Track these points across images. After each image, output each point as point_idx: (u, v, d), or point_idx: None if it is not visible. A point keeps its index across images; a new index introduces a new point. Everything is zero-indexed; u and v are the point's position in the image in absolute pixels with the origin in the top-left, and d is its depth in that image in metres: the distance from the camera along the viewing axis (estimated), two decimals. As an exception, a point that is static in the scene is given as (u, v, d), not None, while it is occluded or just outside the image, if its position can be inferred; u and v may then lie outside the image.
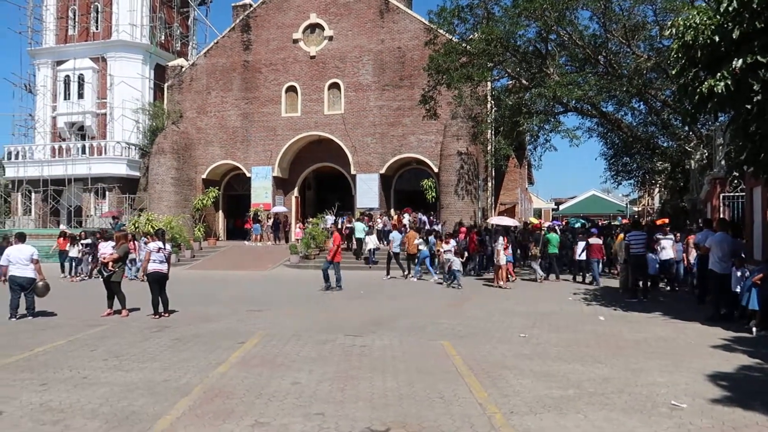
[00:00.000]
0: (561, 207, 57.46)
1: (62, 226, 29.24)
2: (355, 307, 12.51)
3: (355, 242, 24.18)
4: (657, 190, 42.28)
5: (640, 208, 56.32)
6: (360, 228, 24.22)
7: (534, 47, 21.20)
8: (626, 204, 52.21)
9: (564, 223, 31.16)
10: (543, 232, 19.54)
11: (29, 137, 36.24)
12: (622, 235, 16.49)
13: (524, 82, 21.34)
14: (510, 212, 33.06)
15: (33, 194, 34.42)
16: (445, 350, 7.96)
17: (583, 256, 17.25)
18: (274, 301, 13.56)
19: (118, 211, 30.73)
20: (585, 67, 20.23)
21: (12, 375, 6.71)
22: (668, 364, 7.14)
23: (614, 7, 18.51)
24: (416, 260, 18.93)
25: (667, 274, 15.66)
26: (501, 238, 16.44)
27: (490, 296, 14.49)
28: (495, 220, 22.35)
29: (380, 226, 25.62)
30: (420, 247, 18.70)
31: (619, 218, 30.80)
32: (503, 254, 16.26)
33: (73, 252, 20.24)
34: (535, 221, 28.07)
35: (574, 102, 19.70)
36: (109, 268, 11.15)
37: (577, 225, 26.03)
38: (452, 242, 18.10)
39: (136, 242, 19.40)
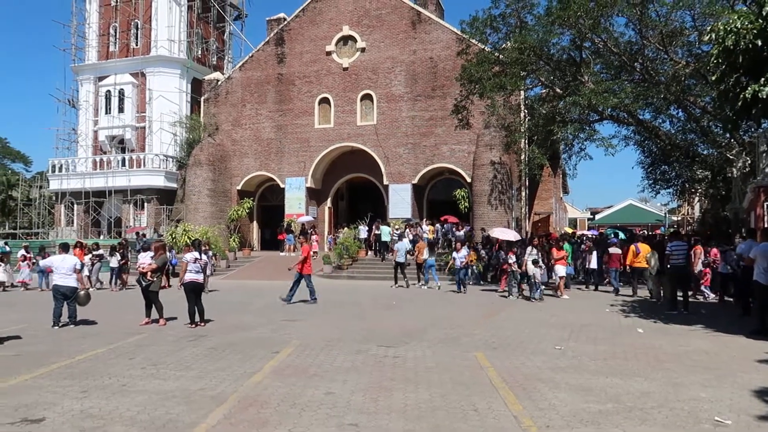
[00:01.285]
0: (597, 216, 56.45)
1: (75, 237, 29.11)
2: (387, 318, 12.49)
3: (379, 246, 24.46)
4: (697, 199, 41.18)
5: (679, 218, 54.94)
6: (386, 231, 24.44)
7: (568, 55, 20.96)
8: (665, 213, 50.99)
9: (600, 232, 30.60)
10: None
11: (72, 151, 37.46)
12: (633, 247, 16.95)
13: (558, 90, 21.10)
14: (544, 222, 32.66)
15: (75, 206, 35.50)
16: (479, 362, 7.87)
17: (594, 265, 18.09)
18: (307, 311, 13.64)
19: (142, 228, 31.25)
20: (621, 75, 19.89)
21: (54, 382, 6.89)
22: (711, 378, 6.91)
23: (651, 14, 18.17)
24: (423, 269, 19.95)
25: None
26: (531, 248, 16.22)
27: (524, 307, 14.28)
28: (496, 232, 22.18)
29: (410, 237, 25.55)
30: (425, 257, 19.53)
31: (610, 231, 29.92)
32: (530, 264, 15.89)
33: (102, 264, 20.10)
34: (570, 231, 27.64)
35: (609, 110, 19.36)
36: (148, 278, 11.38)
37: (619, 235, 25.52)
38: (463, 250, 18.39)
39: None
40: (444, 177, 29.75)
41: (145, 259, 11.86)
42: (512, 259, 16.39)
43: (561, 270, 16.33)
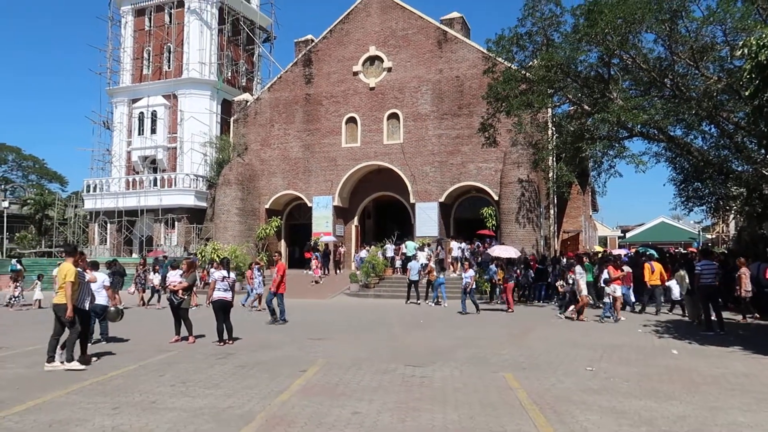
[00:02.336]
0: (628, 235, 55.48)
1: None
2: (414, 337, 12.40)
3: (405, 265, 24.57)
4: (732, 216, 40.15)
5: (714, 236, 53.63)
6: (411, 246, 24.60)
7: (596, 72, 20.79)
8: (699, 231, 49.85)
9: (632, 251, 30.01)
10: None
11: (106, 171, 38.42)
12: (648, 265, 17.27)
13: (586, 107, 20.92)
14: (574, 240, 32.20)
15: (108, 224, 36.29)
16: (508, 383, 7.74)
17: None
18: (334, 330, 13.63)
19: (163, 252, 31.50)
20: (650, 91, 19.63)
21: (87, 398, 7.00)
22: (750, 402, 6.68)
23: (680, 29, 17.95)
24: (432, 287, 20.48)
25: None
26: (578, 267, 15.80)
27: (554, 327, 14.05)
28: (496, 250, 21.96)
29: (422, 261, 25.50)
30: (434, 274, 20.02)
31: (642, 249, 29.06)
32: (583, 283, 15.55)
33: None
34: (600, 249, 27.19)
35: (639, 127, 19.08)
36: (179, 295, 11.51)
37: (648, 253, 24.96)
38: (471, 271, 18.12)
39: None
40: (471, 195, 29.63)
41: (175, 277, 12.02)
42: (570, 278, 16.02)
43: (617, 290, 15.70)
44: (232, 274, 11.85)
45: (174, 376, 8.21)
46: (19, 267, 20.43)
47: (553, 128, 24.33)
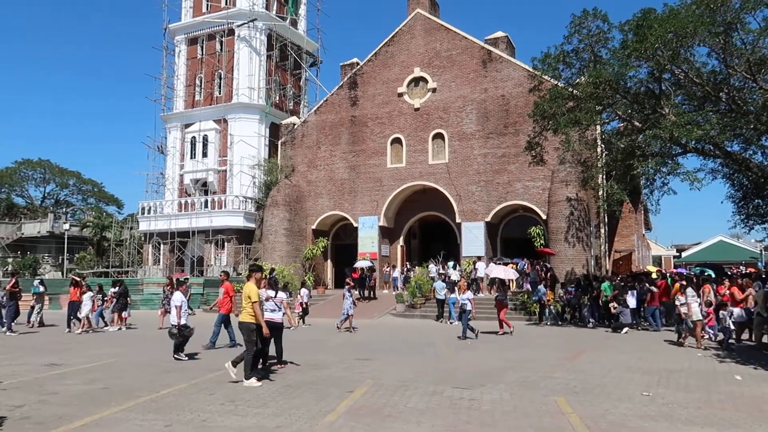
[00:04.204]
0: (683, 254, 53.46)
1: (71, 274, 26.50)
2: (462, 358, 12.22)
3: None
4: (796, 234, 38.15)
5: (777, 255, 51.09)
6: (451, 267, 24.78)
7: (646, 87, 20.31)
8: (761, 250, 47.57)
9: (688, 271, 28.90)
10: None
11: (160, 194, 39.76)
12: (678, 285, 16.41)
13: (637, 123, 20.42)
14: (626, 260, 31.24)
15: (161, 245, 37.43)
16: (560, 407, 7.52)
17: (631, 305, 18.04)
18: (380, 350, 13.57)
19: (184, 274, 31.81)
20: (705, 105, 19.02)
21: (140, 415, 7.16)
22: (824, 432, 6.27)
23: (735, 42, 17.39)
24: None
25: None
26: (689, 289, 14.51)
27: (607, 350, 13.60)
28: (493, 271, 21.45)
29: (456, 274, 25.37)
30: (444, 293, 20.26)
31: (698, 269, 27.66)
32: (695, 307, 14.13)
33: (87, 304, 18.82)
34: (654, 270, 26.28)
35: (693, 143, 18.49)
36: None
37: (707, 273, 23.98)
38: (469, 293, 17.31)
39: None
40: (518, 214, 29.23)
41: (281, 296, 12.05)
42: (680, 301, 14.62)
43: (696, 313, 14.32)
44: (282, 294, 11.47)
45: (224, 395, 8.32)
46: (41, 289, 20.91)
47: (603, 145, 23.82)
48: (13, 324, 18.34)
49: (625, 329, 17.31)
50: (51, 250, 49.92)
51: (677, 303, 14.88)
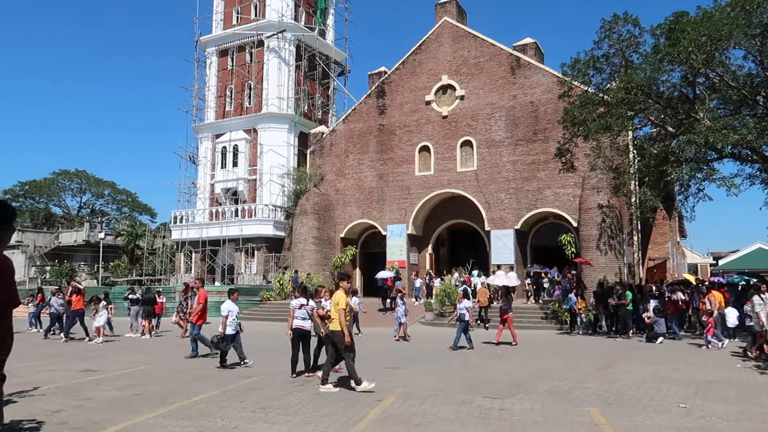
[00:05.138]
0: (720, 262, 52.03)
1: (74, 281, 26.59)
2: (492, 367, 12.08)
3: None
4: (840, 241, 36.87)
5: (819, 263, 49.38)
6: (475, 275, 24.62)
7: (679, 92, 19.92)
8: (801, 258, 45.96)
9: (725, 279, 28.10)
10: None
11: (191, 203, 40.47)
12: (717, 293, 16.84)
13: (670, 129, 20.02)
14: (660, 268, 30.55)
15: (193, 254, 38.04)
16: (593, 418, 7.36)
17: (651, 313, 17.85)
18: (409, 359, 13.50)
19: (201, 279, 32.06)
20: (741, 109, 18.56)
21: (173, 421, 7.25)
22: None
23: (772, 43, 16.98)
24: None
25: None
26: (756, 297, 13.43)
27: (642, 359, 13.28)
28: (497, 279, 21.14)
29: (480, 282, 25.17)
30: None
31: (737, 277, 26.70)
32: (764, 317, 13.05)
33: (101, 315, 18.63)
34: (691, 278, 25.62)
35: (730, 147, 18.05)
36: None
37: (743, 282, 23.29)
38: (466, 302, 15.97)
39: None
40: (548, 222, 28.88)
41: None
42: (747, 309, 13.81)
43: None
44: (312, 302, 11.26)
45: (254, 402, 8.37)
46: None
47: (635, 151, 23.39)
48: (70, 332, 18.78)
49: (660, 339, 16.93)
50: (87, 258, 51.15)
51: (746, 311, 14.66)
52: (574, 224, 26.33)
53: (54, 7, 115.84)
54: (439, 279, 28.03)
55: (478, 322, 21.31)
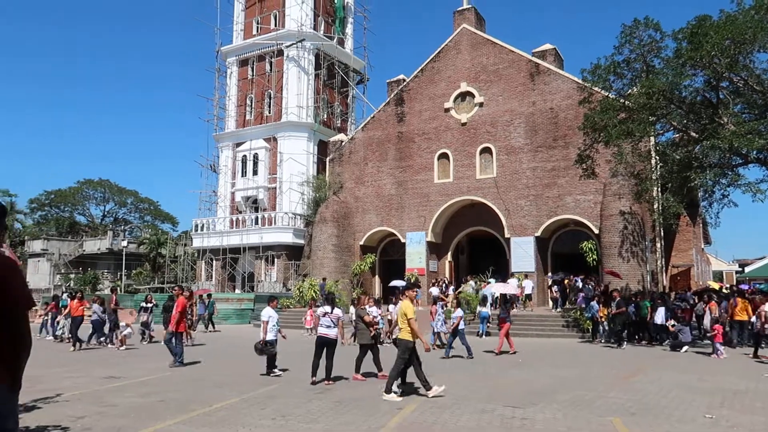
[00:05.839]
0: (747, 269, 51.04)
1: (68, 288, 25.61)
2: (513, 376, 11.97)
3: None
4: None
5: None
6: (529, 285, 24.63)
7: (702, 97, 19.64)
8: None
9: (751, 287, 27.54)
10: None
11: (212, 211, 40.89)
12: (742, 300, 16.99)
13: (693, 134, 19.73)
14: (684, 275, 30.05)
15: (214, 262, 38.38)
16: (616, 428, 7.25)
17: (658, 320, 18.11)
18: (429, 366, 13.41)
19: (208, 290, 32.20)
20: (766, 114, 18.25)
21: (194, 428, 7.30)
22: None
23: (798, 47, 16.68)
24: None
25: None
26: None
27: (666, 368, 13.05)
28: (495, 287, 20.97)
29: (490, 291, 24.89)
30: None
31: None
32: None
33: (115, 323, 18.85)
34: (716, 285, 25.17)
35: (755, 152, 17.74)
36: (373, 330, 11.78)
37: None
38: (459, 311, 16.01)
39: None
40: (569, 229, 28.60)
41: (374, 312, 12.19)
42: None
43: None
44: (338, 310, 11.22)
45: (275, 410, 8.40)
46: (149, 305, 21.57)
47: (657, 157, 23.09)
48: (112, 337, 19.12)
49: (685, 348, 16.63)
50: (110, 266, 51.89)
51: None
52: (596, 231, 26.05)
53: (74, 17, 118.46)
54: (452, 287, 27.79)
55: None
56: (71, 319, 18.55)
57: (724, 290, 24.40)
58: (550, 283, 26.95)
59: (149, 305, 21.15)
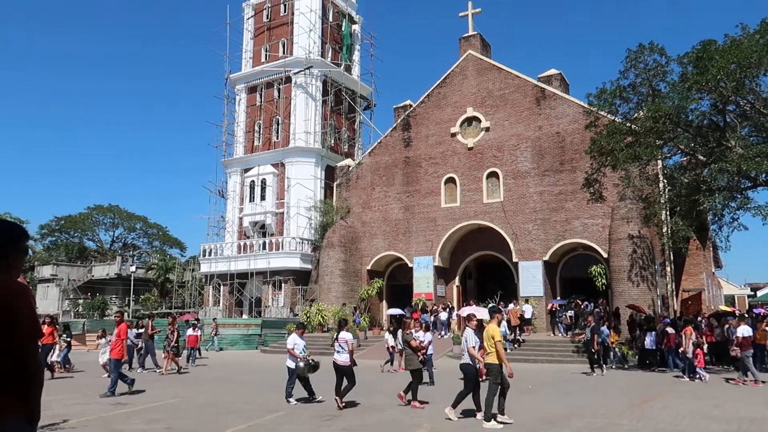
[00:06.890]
0: (759, 293, 50.46)
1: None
2: (523, 403, 11.78)
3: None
4: None
5: None
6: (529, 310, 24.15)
7: (709, 120, 19.66)
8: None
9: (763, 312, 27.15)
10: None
11: (220, 236, 40.97)
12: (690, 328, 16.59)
13: (701, 157, 19.71)
14: (695, 299, 29.70)
15: (221, 286, 38.35)
16: (631, 457, 7.09)
17: (649, 345, 18.55)
18: (437, 392, 13.27)
19: (194, 315, 32.01)
20: (774, 137, 18.23)
21: (200, 456, 7.21)
22: None
23: (804, 70, 16.73)
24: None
25: None
26: None
27: (679, 396, 12.83)
28: (465, 310, 20.66)
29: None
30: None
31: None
32: None
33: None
34: (728, 309, 24.85)
35: (764, 175, 17.68)
36: (420, 354, 11.83)
37: None
38: (428, 335, 15.79)
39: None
40: (577, 253, 28.44)
41: (421, 337, 12.12)
42: None
43: None
44: (345, 334, 11.10)
45: (281, 437, 8.29)
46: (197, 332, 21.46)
47: (665, 181, 23.05)
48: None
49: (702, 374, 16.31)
50: (118, 291, 51.96)
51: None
52: (605, 255, 25.89)
53: (85, 32, 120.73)
54: (455, 312, 27.61)
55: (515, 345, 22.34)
56: (41, 347, 17.58)
57: (736, 314, 24.08)
58: (552, 306, 26.53)
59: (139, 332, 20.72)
